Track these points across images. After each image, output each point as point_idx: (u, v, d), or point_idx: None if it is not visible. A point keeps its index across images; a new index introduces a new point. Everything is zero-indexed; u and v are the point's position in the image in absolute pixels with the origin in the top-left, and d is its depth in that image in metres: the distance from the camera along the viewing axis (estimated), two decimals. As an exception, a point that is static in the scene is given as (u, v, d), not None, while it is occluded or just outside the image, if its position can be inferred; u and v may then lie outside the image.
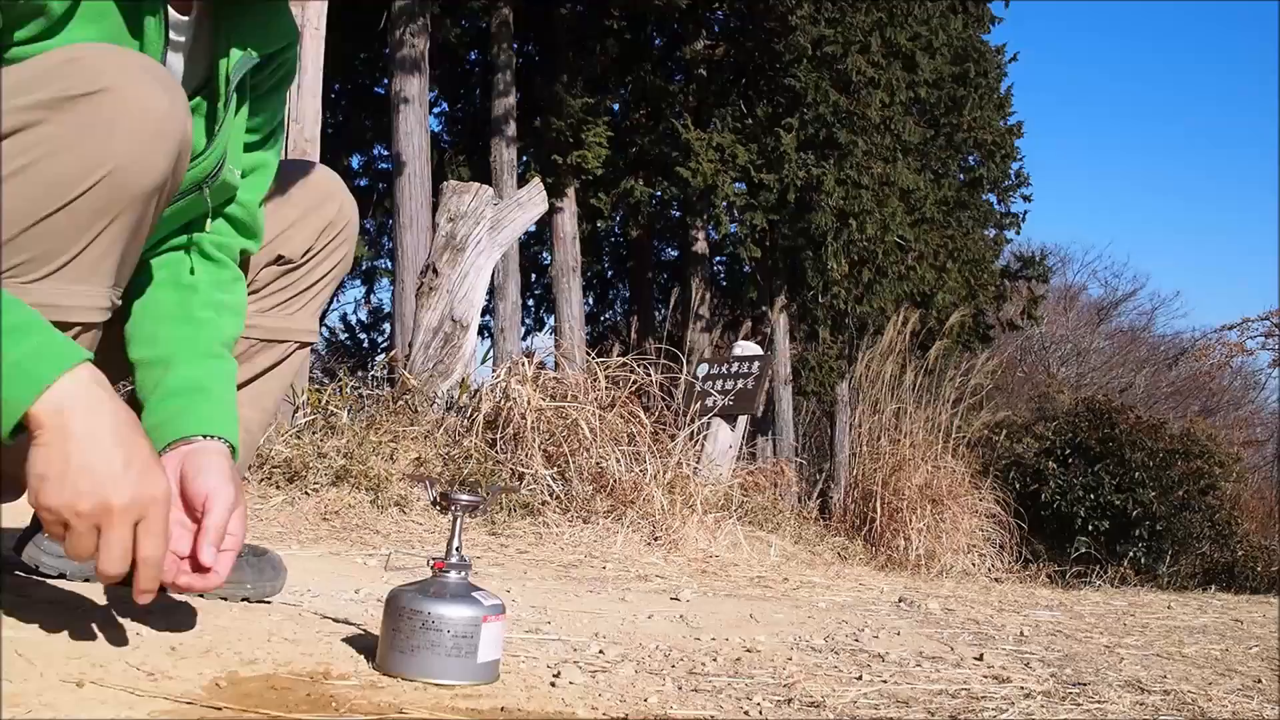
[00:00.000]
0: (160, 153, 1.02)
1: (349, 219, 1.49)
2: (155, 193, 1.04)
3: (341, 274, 1.50)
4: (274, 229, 1.40)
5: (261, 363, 1.44)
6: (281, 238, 1.41)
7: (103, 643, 1.08)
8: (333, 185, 1.48)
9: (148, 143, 1.01)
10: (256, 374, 1.44)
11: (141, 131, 1.00)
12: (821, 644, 1.84)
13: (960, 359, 7.09)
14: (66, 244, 1.00)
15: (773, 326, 12.52)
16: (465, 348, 4.62)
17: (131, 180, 1.00)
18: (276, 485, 3.29)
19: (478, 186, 4.87)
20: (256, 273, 1.41)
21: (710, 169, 12.07)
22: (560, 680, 1.28)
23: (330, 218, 1.45)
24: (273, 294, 1.43)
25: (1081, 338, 22.98)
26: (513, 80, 12.65)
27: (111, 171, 0.99)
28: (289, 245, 1.42)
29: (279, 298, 1.44)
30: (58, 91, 0.96)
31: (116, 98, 0.98)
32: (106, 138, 0.98)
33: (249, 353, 1.42)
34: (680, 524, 3.73)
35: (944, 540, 5.37)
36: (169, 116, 1.03)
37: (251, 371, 1.43)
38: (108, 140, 0.98)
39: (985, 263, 13.70)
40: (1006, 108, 14.33)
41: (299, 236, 1.43)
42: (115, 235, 1.03)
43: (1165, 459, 7.85)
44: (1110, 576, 6.52)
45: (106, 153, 0.98)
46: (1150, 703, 1.51)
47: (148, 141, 1.01)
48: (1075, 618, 2.78)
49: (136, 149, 1.00)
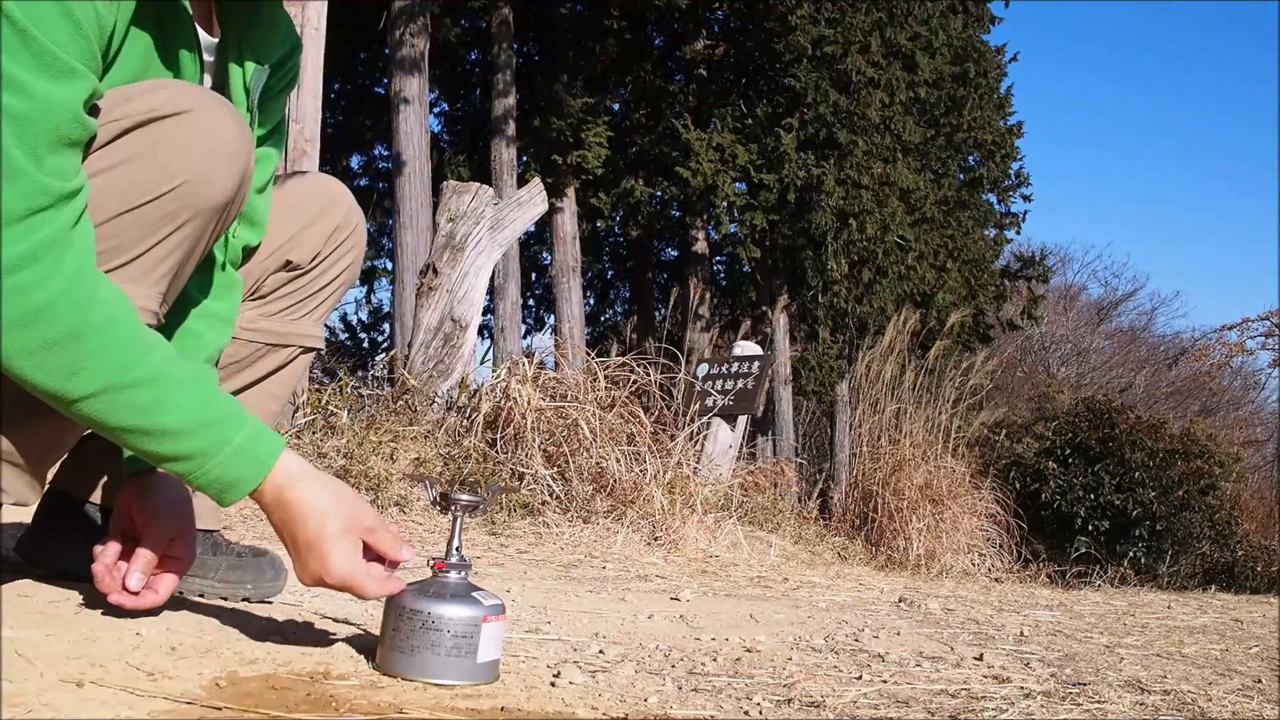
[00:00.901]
0: (229, 173, 1.11)
1: (356, 224, 1.51)
2: (221, 210, 1.12)
3: (349, 280, 1.52)
4: (282, 235, 1.42)
5: (265, 367, 1.45)
6: (290, 243, 1.43)
7: (103, 643, 1.08)
8: (339, 192, 1.51)
9: (220, 162, 1.09)
10: (259, 377, 1.45)
11: (216, 152, 1.09)
12: (821, 644, 1.84)
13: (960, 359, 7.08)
14: (133, 243, 1.07)
15: (773, 326, 12.52)
16: (465, 348, 4.62)
17: (202, 194, 1.09)
18: (276, 485, 3.28)
19: (478, 186, 4.87)
20: (264, 278, 1.43)
21: (710, 169, 12.07)
22: (560, 680, 1.28)
23: (337, 222, 1.48)
24: (280, 299, 1.45)
25: (1081, 338, 22.98)
26: (512, 80, 12.66)
27: (185, 183, 1.07)
28: (297, 250, 1.44)
29: (286, 302, 1.46)
30: (147, 111, 1.05)
31: (196, 119, 1.07)
32: (184, 152, 1.07)
33: (252, 357, 1.43)
34: (680, 524, 3.73)
35: (944, 540, 5.37)
36: (240, 141, 1.12)
37: (255, 375, 1.44)
38: (185, 155, 1.07)
39: (985, 263, 13.69)
40: (1006, 108, 14.32)
41: (307, 242, 1.45)
42: (176, 244, 1.10)
43: (1165, 459, 7.84)
44: (1110, 576, 6.52)
45: (183, 166, 1.07)
46: (1150, 703, 1.51)
47: (220, 161, 1.09)
48: (1075, 618, 2.78)
49: (210, 166, 1.08)
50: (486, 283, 4.88)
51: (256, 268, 1.41)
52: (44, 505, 1.39)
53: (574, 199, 13.29)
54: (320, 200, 1.47)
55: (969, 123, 13.43)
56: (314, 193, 1.47)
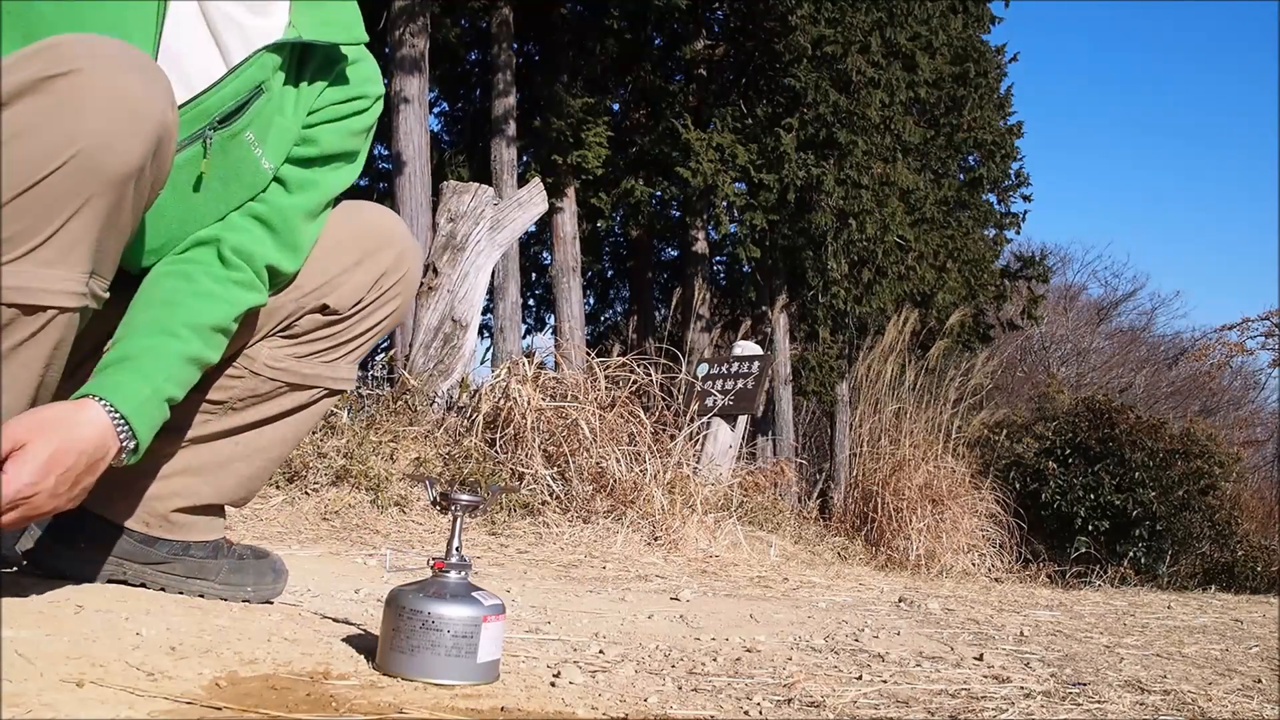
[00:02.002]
0: (133, 135, 1.00)
1: (408, 269, 1.39)
2: (130, 177, 1.02)
3: (391, 326, 1.41)
4: (322, 275, 1.32)
5: (285, 404, 1.37)
6: (329, 285, 1.33)
7: (103, 643, 1.08)
8: (394, 230, 1.39)
9: (119, 124, 0.99)
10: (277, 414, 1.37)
11: (111, 112, 0.98)
12: (821, 644, 1.84)
13: (960, 359, 7.09)
14: (38, 225, 0.98)
15: (773, 326, 12.51)
16: (465, 348, 4.61)
17: (103, 162, 0.99)
18: (276, 485, 3.29)
19: (478, 186, 4.87)
20: (298, 318, 1.34)
21: (710, 169, 12.07)
22: (560, 680, 1.28)
23: (386, 266, 1.36)
24: (311, 341, 1.36)
25: (1081, 338, 22.97)
26: (513, 80, 12.65)
27: (80, 152, 0.98)
28: (336, 295, 1.34)
29: (318, 346, 1.36)
30: (34, 74, 0.96)
31: (86, 79, 0.97)
32: (75, 118, 0.97)
33: (274, 393, 1.36)
34: (680, 524, 3.73)
35: (944, 540, 5.37)
36: (144, 99, 1.01)
37: (273, 411, 1.37)
38: (76, 121, 0.97)
39: (985, 263, 13.69)
40: (1006, 108, 14.32)
41: (348, 286, 1.34)
42: (89, 220, 1.01)
43: (1165, 459, 7.84)
44: (1110, 576, 6.52)
45: (75, 133, 0.97)
46: (1150, 703, 1.51)
47: (119, 123, 0.99)
48: (1075, 618, 2.78)
49: (106, 129, 0.98)
50: (486, 283, 4.88)
51: (290, 304, 1.32)
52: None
53: (574, 199, 13.29)
54: (371, 240, 1.36)
55: (969, 123, 13.43)
56: (365, 231, 1.35)
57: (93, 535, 1.36)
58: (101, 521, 1.36)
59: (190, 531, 1.40)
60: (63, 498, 1.03)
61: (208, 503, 1.40)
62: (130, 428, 1.08)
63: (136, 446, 1.10)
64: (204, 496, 1.39)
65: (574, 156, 12.92)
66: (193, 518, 1.40)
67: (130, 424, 1.08)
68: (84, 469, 1.04)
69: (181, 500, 1.38)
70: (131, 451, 1.10)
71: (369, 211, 1.40)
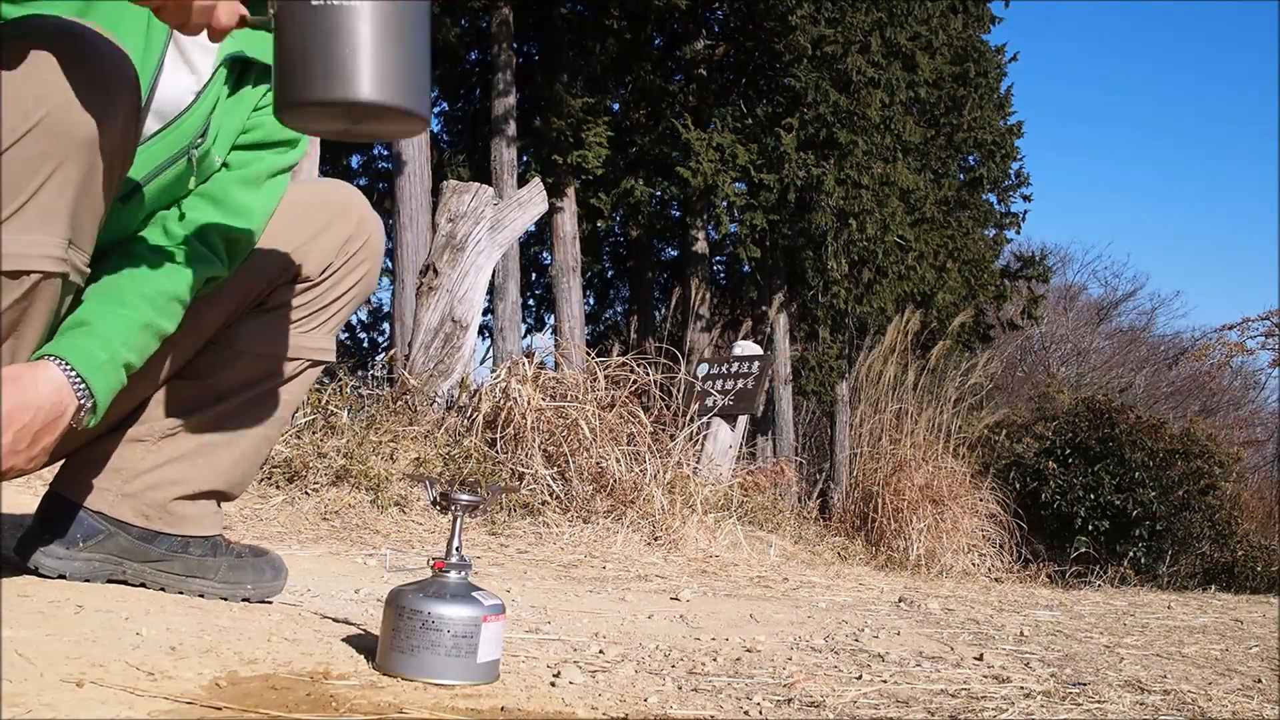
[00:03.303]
0: (101, 92, 1.04)
1: (370, 233, 1.46)
2: (91, 142, 1.05)
3: (364, 292, 1.47)
4: (288, 245, 1.38)
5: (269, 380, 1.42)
6: (296, 253, 1.39)
7: (103, 643, 1.08)
8: (352, 199, 1.46)
9: (85, 86, 1.03)
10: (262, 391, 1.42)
11: (77, 74, 1.02)
12: (821, 644, 1.84)
13: (960, 359, 7.09)
14: (14, 191, 1.01)
15: (772, 326, 12.51)
16: (465, 348, 4.61)
17: (73, 122, 1.02)
18: (276, 485, 3.29)
19: (478, 186, 4.87)
20: (271, 291, 1.39)
21: (710, 169, 12.06)
22: (560, 680, 1.28)
23: (349, 232, 1.43)
24: (288, 313, 1.41)
25: (1081, 338, 22.96)
26: (513, 80, 12.65)
27: (49, 114, 1.01)
28: (306, 263, 1.40)
29: (294, 317, 1.41)
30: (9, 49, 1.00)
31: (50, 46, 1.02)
32: (42, 81, 1.01)
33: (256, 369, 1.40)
34: (680, 524, 3.73)
35: (944, 540, 5.37)
36: (108, 59, 1.05)
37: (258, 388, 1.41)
38: (43, 83, 1.01)
39: (985, 263, 13.68)
40: (1006, 108, 14.31)
41: (316, 253, 1.40)
42: (61, 184, 1.04)
43: (1165, 459, 7.84)
44: (1110, 576, 6.52)
45: (42, 94, 1.01)
46: (1150, 703, 1.51)
47: (85, 85, 1.03)
48: (1075, 618, 2.78)
49: (73, 90, 1.02)
50: (486, 283, 4.88)
51: (262, 281, 1.38)
52: (43, 506, 1.39)
53: (574, 199, 13.29)
54: (330, 208, 1.43)
55: (969, 123, 13.42)
56: (323, 200, 1.43)
57: (90, 533, 1.36)
58: (100, 517, 1.36)
59: (190, 524, 1.41)
60: (22, 455, 1.06)
61: (204, 488, 1.41)
62: (88, 386, 1.11)
63: (94, 406, 1.12)
64: (200, 480, 1.40)
65: (574, 156, 12.92)
66: (192, 508, 1.41)
67: (87, 382, 1.11)
68: (40, 426, 1.07)
69: (179, 488, 1.39)
70: (90, 411, 1.12)
71: (324, 184, 1.48)
